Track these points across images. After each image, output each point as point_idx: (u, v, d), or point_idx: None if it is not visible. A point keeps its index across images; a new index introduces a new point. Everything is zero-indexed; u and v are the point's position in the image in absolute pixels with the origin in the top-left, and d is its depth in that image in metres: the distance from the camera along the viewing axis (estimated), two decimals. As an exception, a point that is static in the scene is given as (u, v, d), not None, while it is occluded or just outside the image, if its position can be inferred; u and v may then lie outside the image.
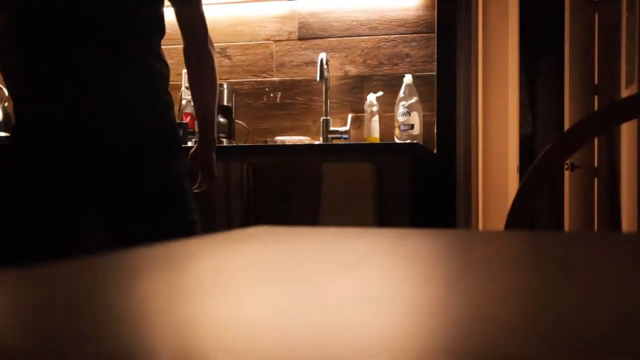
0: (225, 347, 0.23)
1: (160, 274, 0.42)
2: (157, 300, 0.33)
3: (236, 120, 3.04)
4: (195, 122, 1.95)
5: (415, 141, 2.71)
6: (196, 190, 1.93)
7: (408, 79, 2.84)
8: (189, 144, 2.84)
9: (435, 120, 2.91)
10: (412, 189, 2.43)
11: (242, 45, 3.15)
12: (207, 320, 0.28)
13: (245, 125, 3.10)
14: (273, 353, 0.22)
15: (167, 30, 1.79)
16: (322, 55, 2.89)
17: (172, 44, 3.20)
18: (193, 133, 2.92)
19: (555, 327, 0.26)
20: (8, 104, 3.07)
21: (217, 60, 3.17)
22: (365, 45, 3.02)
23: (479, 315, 0.29)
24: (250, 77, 3.15)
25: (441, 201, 2.86)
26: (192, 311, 0.30)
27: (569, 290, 0.35)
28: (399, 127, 2.81)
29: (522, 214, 1.10)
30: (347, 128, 2.95)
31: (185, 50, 1.83)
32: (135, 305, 0.32)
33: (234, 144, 2.92)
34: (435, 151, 2.90)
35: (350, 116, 3.00)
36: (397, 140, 2.80)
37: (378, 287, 0.36)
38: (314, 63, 3.03)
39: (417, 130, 2.79)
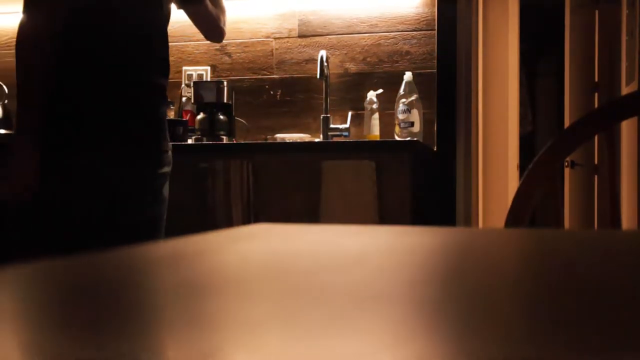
0: (225, 345, 0.23)
1: (161, 272, 0.42)
2: (159, 299, 0.33)
3: (236, 118, 3.04)
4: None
5: (415, 139, 2.71)
6: None
7: (408, 76, 2.84)
8: (189, 141, 2.84)
9: (435, 117, 2.91)
10: (412, 186, 2.43)
11: (242, 42, 3.14)
12: (208, 318, 0.28)
13: (246, 123, 3.10)
14: (273, 350, 0.22)
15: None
16: (322, 53, 2.88)
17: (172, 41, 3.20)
18: (193, 130, 2.92)
19: (555, 327, 0.26)
20: (8, 101, 3.07)
21: (218, 57, 3.17)
22: (365, 43, 3.02)
23: (479, 313, 0.29)
24: (251, 74, 3.14)
25: (441, 199, 2.86)
26: (194, 309, 0.30)
27: (569, 289, 0.35)
28: (399, 124, 2.80)
29: (522, 212, 1.10)
30: (347, 125, 2.94)
31: None
32: (136, 304, 0.32)
33: (234, 142, 2.92)
34: (435, 149, 2.89)
35: (350, 114, 3.00)
36: (397, 138, 2.80)
37: (378, 285, 0.36)
38: (314, 60, 3.03)
39: (417, 128, 2.79)
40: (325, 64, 2.90)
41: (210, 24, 2.00)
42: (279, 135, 2.95)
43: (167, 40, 1.85)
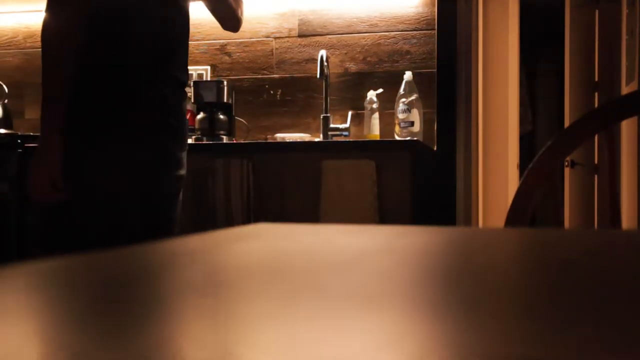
0: (224, 344, 0.23)
1: (161, 272, 0.42)
2: (158, 298, 0.33)
3: (236, 118, 3.04)
4: None
5: (415, 138, 2.71)
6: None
7: (408, 76, 2.84)
8: (189, 141, 2.84)
9: (435, 117, 2.91)
10: (412, 186, 2.43)
11: (242, 42, 3.14)
12: (208, 317, 0.28)
13: (246, 123, 3.10)
14: (272, 350, 0.22)
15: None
16: (322, 52, 2.88)
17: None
18: (193, 130, 2.92)
19: (556, 326, 0.26)
20: (8, 101, 3.07)
21: (218, 57, 3.17)
22: (366, 42, 3.02)
23: (479, 313, 0.29)
24: (251, 74, 3.14)
25: (441, 198, 2.86)
26: (193, 309, 0.30)
27: (569, 289, 0.35)
28: (399, 124, 2.80)
29: (522, 211, 1.10)
30: (347, 125, 2.94)
31: None
32: (135, 304, 0.32)
33: (234, 141, 2.92)
34: (435, 148, 2.89)
35: (350, 113, 3.00)
36: (397, 138, 2.80)
37: (378, 285, 0.36)
38: (314, 60, 3.03)
39: (417, 127, 2.79)
40: (325, 63, 2.90)
41: (228, 14, 2.00)
42: (279, 135, 2.95)
43: (187, 38, 1.85)
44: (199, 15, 3.16)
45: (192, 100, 2.98)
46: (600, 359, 0.21)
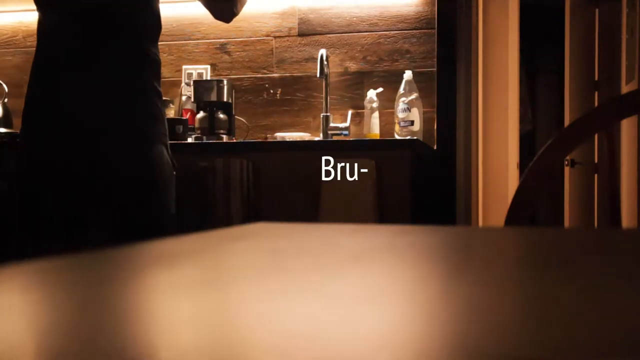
0: (224, 344, 0.23)
1: (160, 271, 0.42)
2: (158, 298, 0.33)
3: (236, 117, 3.04)
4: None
5: (415, 137, 2.70)
6: None
7: (408, 75, 2.84)
8: (189, 140, 2.84)
9: (435, 116, 2.91)
10: (412, 185, 2.43)
11: (242, 41, 3.14)
12: (207, 316, 0.28)
13: (245, 122, 3.09)
14: (272, 349, 0.22)
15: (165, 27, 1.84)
16: (322, 52, 2.88)
17: (172, 40, 3.20)
18: (193, 129, 2.92)
19: (556, 326, 0.26)
20: (8, 100, 3.07)
21: (217, 56, 3.17)
22: (365, 42, 3.02)
23: (479, 313, 0.29)
24: (250, 73, 3.14)
25: (441, 197, 2.86)
26: (193, 309, 0.30)
27: (569, 288, 0.35)
28: (399, 123, 2.80)
29: (522, 210, 1.10)
30: (347, 124, 2.94)
31: None
32: (135, 303, 0.32)
33: (234, 141, 2.92)
34: (435, 147, 2.89)
35: (350, 112, 3.00)
36: (397, 137, 2.80)
37: (377, 284, 0.36)
38: (314, 59, 3.03)
39: (417, 127, 2.79)
40: (325, 62, 2.90)
41: (219, 6, 1.97)
42: (279, 134, 2.95)
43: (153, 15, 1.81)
44: (198, 14, 3.16)
45: (192, 100, 2.98)
46: (600, 359, 0.21)
